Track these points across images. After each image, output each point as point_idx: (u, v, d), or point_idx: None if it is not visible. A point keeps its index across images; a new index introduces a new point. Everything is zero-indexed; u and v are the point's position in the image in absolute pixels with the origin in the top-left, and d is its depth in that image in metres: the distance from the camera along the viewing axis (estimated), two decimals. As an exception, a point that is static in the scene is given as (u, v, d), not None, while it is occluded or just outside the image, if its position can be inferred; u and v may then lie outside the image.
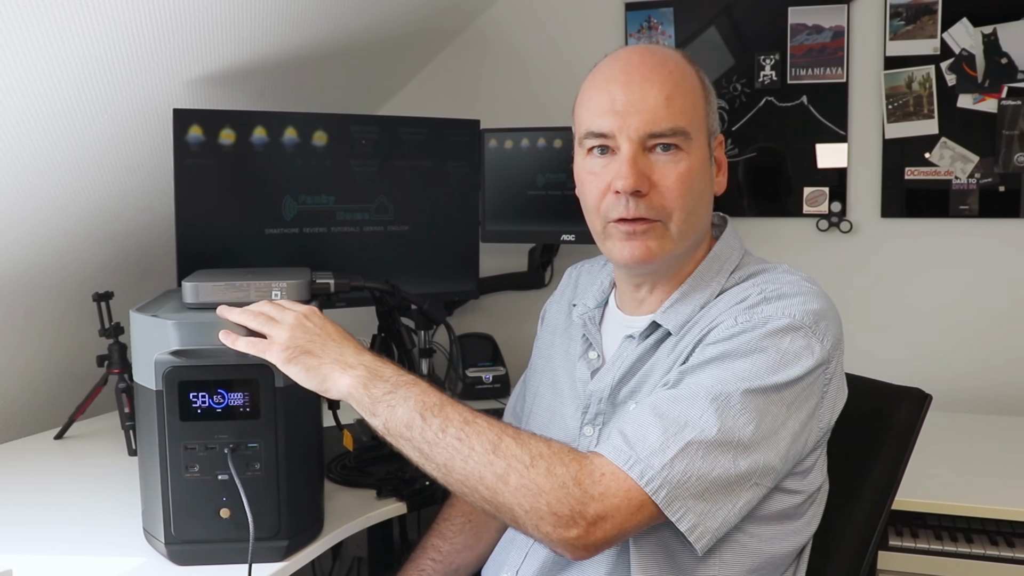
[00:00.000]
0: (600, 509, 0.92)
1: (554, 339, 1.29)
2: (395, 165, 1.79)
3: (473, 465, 0.95)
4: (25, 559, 1.17)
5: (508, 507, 0.95)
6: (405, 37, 2.20)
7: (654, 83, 1.05)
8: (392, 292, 1.37)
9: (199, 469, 1.11)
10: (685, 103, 1.06)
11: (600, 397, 1.12)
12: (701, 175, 1.07)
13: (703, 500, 0.94)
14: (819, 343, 1.00)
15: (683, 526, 0.94)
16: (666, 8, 2.24)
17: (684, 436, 0.94)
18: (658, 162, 1.05)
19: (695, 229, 1.09)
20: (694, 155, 1.06)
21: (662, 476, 0.93)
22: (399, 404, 0.99)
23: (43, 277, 1.77)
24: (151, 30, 1.45)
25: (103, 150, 1.62)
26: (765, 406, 0.96)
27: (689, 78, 1.09)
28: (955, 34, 2.03)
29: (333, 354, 1.05)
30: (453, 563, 1.34)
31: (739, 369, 0.97)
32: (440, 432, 0.97)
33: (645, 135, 1.04)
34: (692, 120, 1.06)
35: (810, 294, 1.04)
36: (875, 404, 1.23)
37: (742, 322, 1.01)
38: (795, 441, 1.00)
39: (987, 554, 1.54)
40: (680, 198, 1.05)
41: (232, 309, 1.10)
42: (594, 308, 1.22)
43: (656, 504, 0.93)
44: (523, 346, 2.33)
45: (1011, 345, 2.06)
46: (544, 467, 0.93)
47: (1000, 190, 2.04)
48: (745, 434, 0.95)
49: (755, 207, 2.22)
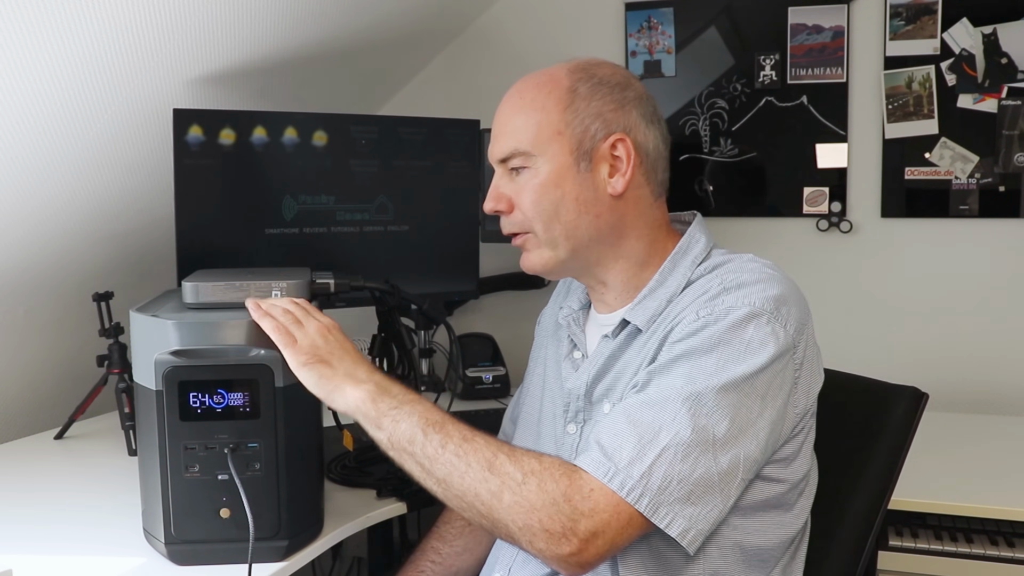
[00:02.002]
0: (591, 526, 0.94)
1: (546, 342, 1.31)
2: (395, 165, 1.79)
3: (469, 482, 0.97)
4: (25, 559, 1.17)
5: (503, 524, 0.96)
6: (405, 37, 2.20)
7: (503, 112, 1.15)
8: (392, 292, 1.37)
9: (199, 469, 1.11)
10: (526, 122, 1.11)
11: (577, 395, 1.15)
12: (555, 184, 1.10)
13: (690, 503, 0.95)
14: (782, 328, 1.01)
15: (673, 531, 0.95)
16: (666, 8, 2.24)
17: (659, 442, 0.95)
18: (516, 181, 1.13)
19: (568, 234, 1.12)
20: (543, 169, 1.11)
21: (642, 485, 0.94)
22: (403, 419, 1.02)
23: (43, 277, 1.77)
24: (151, 30, 1.45)
25: (103, 150, 1.62)
26: (738, 399, 0.97)
27: (543, 97, 1.12)
28: (955, 34, 2.03)
29: (347, 368, 1.08)
30: (453, 566, 1.34)
31: (706, 365, 0.99)
32: (440, 448, 0.99)
33: (497, 161, 1.15)
34: (535, 137, 1.11)
35: (770, 280, 1.04)
36: (872, 402, 1.24)
37: (704, 315, 1.02)
38: (773, 429, 1.00)
39: (987, 554, 1.54)
40: (531, 210, 1.11)
41: (262, 300, 1.14)
42: (578, 310, 1.24)
43: (642, 514, 0.94)
44: (523, 346, 2.33)
45: (1011, 345, 2.06)
46: (535, 484, 0.95)
47: (1000, 190, 2.04)
48: (720, 430, 0.96)
49: (755, 207, 2.22)
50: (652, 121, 1.13)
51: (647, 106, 1.13)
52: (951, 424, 1.94)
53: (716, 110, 2.23)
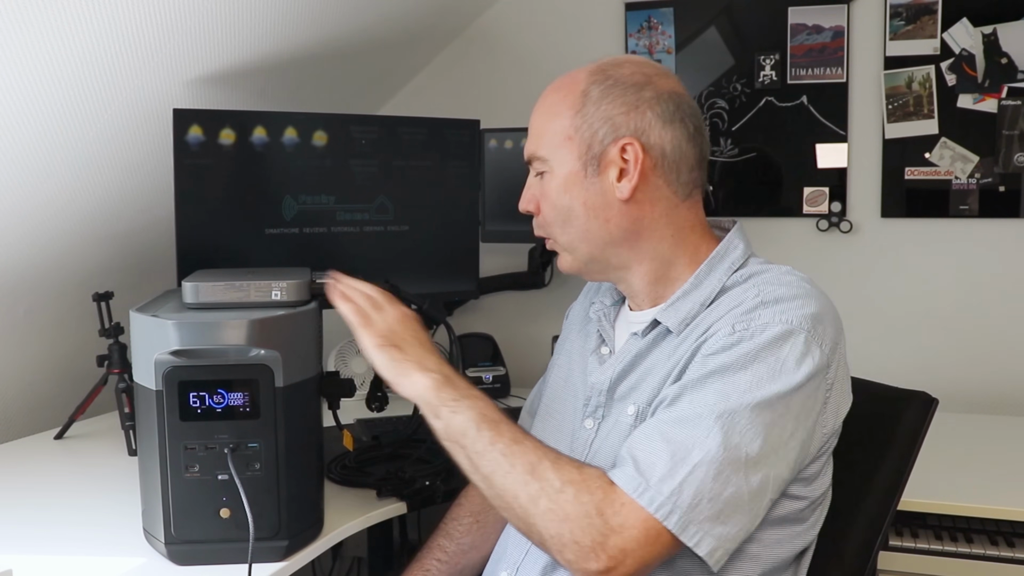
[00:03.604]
0: (620, 543, 0.93)
1: (572, 335, 1.30)
2: (395, 165, 1.79)
3: (511, 482, 0.98)
4: (25, 559, 1.17)
5: (536, 529, 0.97)
6: (405, 37, 2.20)
7: (533, 113, 1.16)
8: (392, 292, 1.37)
9: (199, 469, 1.11)
10: (543, 128, 1.13)
11: (600, 390, 1.14)
12: (563, 190, 1.12)
13: (720, 522, 0.94)
14: (818, 347, 1.00)
15: (702, 551, 0.94)
16: (666, 8, 2.24)
17: (691, 459, 0.94)
18: (540, 184, 1.15)
19: (583, 239, 1.13)
20: (556, 173, 1.12)
21: (672, 502, 0.93)
22: (461, 412, 1.03)
23: (43, 277, 1.77)
24: (151, 30, 1.45)
25: (103, 150, 1.62)
26: (771, 418, 0.96)
27: (560, 102, 1.12)
28: (955, 34, 2.03)
29: (417, 356, 1.10)
30: (459, 563, 1.33)
31: (740, 382, 0.97)
32: (489, 445, 1.00)
33: (526, 163, 1.17)
34: (549, 143, 1.12)
35: (808, 296, 1.03)
36: (881, 407, 1.22)
37: (739, 330, 1.00)
38: (803, 448, 1.00)
39: (987, 554, 1.54)
40: (547, 215, 1.15)
41: (343, 280, 1.19)
42: (610, 305, 1.23)
43: (671, 532, 0.93)
44: (523, 346, 2.34)
45: (1011, 345, 2.06)
46: (572, 493, 0.95)
47: (1000, 190, 2.04)
48: (752, 449, 0.95)
49: (755, 207, 2.22)
50: (673, 120, 1.09)
51: (667, 105, 1.09)
52: (951, 424, 1.93)
53: (716, 110, 2.23)
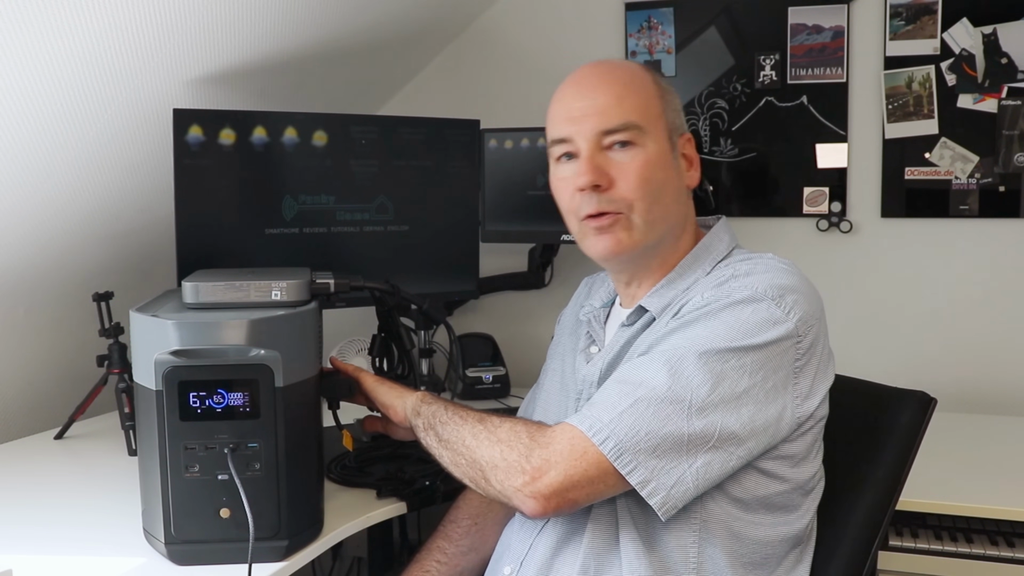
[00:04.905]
0: (544, 454, 0.99)
1: (564, 339, 1.33)
2: (395, 165, 1.79)
3: (463, 433, 1.08)
4: (25, 559, 1.17)
5: (478, 464, 1.04)
6: (405, 37, 2.20)
7: (603, 88, 1.13)
8: (392, 292, 1.37)
9: (199, 469, 1.11)
10: (636, 100, 1.12)
11: (591, 381, 1.16)
12: (660, 166, 1.12)
13: (654, 456, 0.97)
14: (783, 314, 1.02)
15: (634, 479, 0.97)
16: (666, 8, 2.24)
17: (635, 394, 0.99)
18: (615, 158, 1.11)
19: (663, 218, 1.13)
20: (650, 148, 1.11)
21: (609, 428, 0.98)
22: (434, 403, 1.16)
23: (43, 277, 1.77)
24: (151, 30, 1.45)
25: (103, 150, 1.62)
26: (721, 369, 0.99)
27: (640, 80, 1.14)
28: (955, 34, 2.03)
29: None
30: (458, 566, 1.34)
31: (695, 334, 1.01)
32: (451, 415, 1.12)
33: (599, 133, 1.11)
34: (645, 115, 1.11)
35: (782, 272, 1.06)
36: (880, 407, 1.22)
37: (708, 297, 1.05)
38: (761, 411, 1.00)
39: (987, 554, 1.54)
40: (639, 188, 1.10)
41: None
42: (600, 308, 1.25)
43: (603, 455, 0.97)
44: (523, 346, 2.34)
45: (1011, 345, 2.06)
46: (509, 426, 1.05)
47: (1000, 190, 2.04)
48: (699, 395, 0.98)
49: (755, 207, 2.22)
50: None
51: None
52: (950, 424, 1.93)
53: (716, 110, 2.23)
